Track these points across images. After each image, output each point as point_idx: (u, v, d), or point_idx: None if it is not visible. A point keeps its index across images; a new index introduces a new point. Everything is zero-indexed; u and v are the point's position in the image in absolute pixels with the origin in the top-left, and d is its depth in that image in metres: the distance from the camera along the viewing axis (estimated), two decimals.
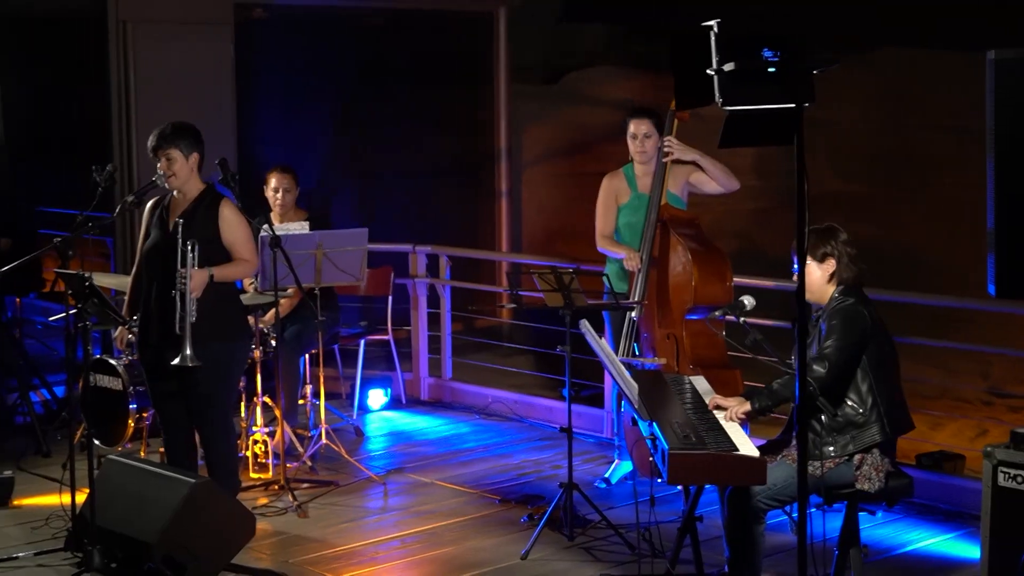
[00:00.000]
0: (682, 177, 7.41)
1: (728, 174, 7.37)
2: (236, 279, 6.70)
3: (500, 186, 12.43)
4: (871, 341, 5.44)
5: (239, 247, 6.55)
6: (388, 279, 9.58)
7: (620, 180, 7.58)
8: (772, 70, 3.91)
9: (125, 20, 9.89)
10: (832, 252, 5.58)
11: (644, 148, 7.42)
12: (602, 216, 7.57)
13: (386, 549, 6.73)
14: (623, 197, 7.56)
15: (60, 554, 6.50)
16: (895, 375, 5.59)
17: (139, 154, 9.91)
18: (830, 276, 5.58)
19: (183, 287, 6.32)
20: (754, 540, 5.51)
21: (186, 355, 6.29)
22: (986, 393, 12.00)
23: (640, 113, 7.48)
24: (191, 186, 6.54)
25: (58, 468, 7.93)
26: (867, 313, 5.47)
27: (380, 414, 9.55)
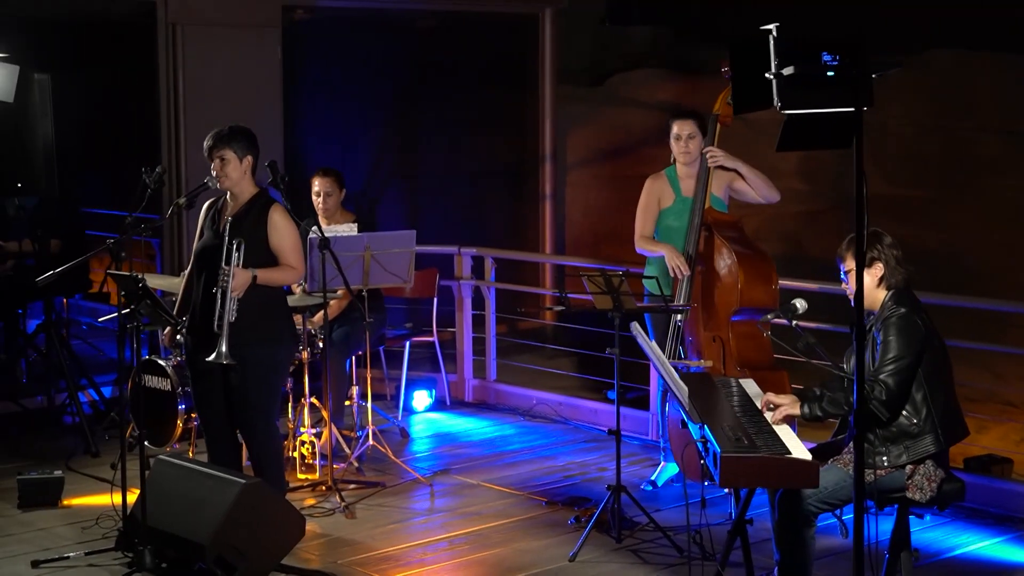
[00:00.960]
0: (725, 180, 7.42)
1: (769, 185, 7.37)
2: (280, 284, 6.67)
3: (545, 188, 12.44)
4: (926, 351, 5.41)
5: (286, 253, 6.56)
6: (434, 281, 9.60)
7: (663, 183, 7.59)
8: (831, 74, 3.89)
9: (174, 23, 9.97)
10: (878, 256, 5.56)
11: (688, 149, 7.43)
12: (642, 217, 7.58)
13: (434, 551, 6.74)
14: (666, 200, 7.56)
15: (111, 554, 6.54)
16: (949, 383, 5.56)
17: (187, 156, 9.98)
18: (879, 281, 5.56)
19: (224, 284, 6.34)
20: (804, 543, 5.50)
21: (221, 352, 6.31)
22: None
23: (683, 114, 7.50)
24: (243, 188, 6.57)
25: (107, 468, 8.01)
26: (920, 322, 5.43)
27: (424, 415, 9.58)
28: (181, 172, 9.99)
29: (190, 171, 9.90)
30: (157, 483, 6.37)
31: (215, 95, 10.03)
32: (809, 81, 3.92)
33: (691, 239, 7.28)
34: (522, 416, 9.52)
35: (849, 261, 5.57)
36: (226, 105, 9.86)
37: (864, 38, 3.85)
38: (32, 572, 6.41)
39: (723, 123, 7.32)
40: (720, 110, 7.30)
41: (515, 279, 10.82)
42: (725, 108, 7.29)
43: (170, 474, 6.47)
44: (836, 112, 3.98)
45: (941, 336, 5.54)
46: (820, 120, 4.01)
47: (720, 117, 7.30)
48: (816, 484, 5.10)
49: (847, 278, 5.60)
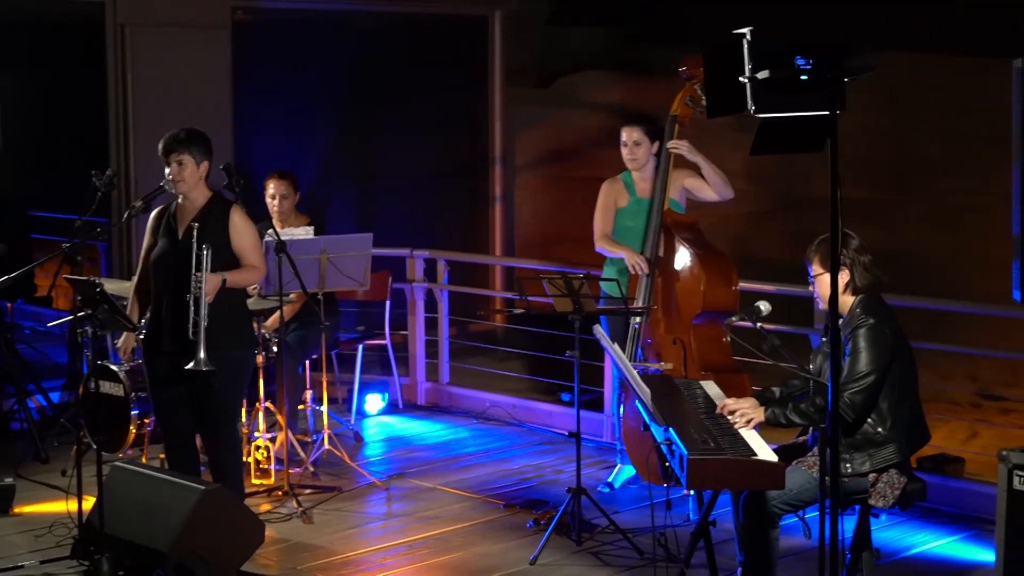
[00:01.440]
0: (680, 181, 7.44)
1: (726, 182, 7.42)
2: (246, 285, 6.65)
3: (495, 190, 12.42)
4: (895, 361, 5.42)
5: (248, 254, 6.52)
6: (386, 284, 9.57)
7: (619, 185, 7.61)
8: (805, 78, 3.91)
9: (123, 24, 9.87)
10: (844, 260, 5.55)
11: (635, 156, 7.47)
12: (601, 218, 7.60)
13: (394, 555, 6.71)
14: (622, 201, 7.58)
15: (66, 562, 6.46)
16: (915, 390, 5.59)
17: (136, 158, 9.88)
18: (845, 286, 5.57)
19: (198, 291, 6.28)
20: (769, 544, 5.52)
21: (200, 359, 6.24)
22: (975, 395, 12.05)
23: (631, 121, 7.54)
24: (198, 193, 6.51)
25: (57, 475, 7.91)
26: (889, 332, 5.43)
27: (378, 419, 9.53)
28: (130, 174, 9.89)
29: (139, 173, 9.81)
30: (114, 490, 6.29)
31: (164, 96, 9.93)
32: (783, 85, 3.93)
33: (650, 240, 7.30)
34: (476, 419, 9.50)
35: (816, 265, 5.58)
36: (176, 106, 9.76)
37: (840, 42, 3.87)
38: None
39: (681, 123, 7.34)
40: (678, 111, 7.32)
41: (465, 281, 10.80)
42: (683, 109, 7.31)
43: (127, 480, 6.38)
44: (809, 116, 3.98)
45: (909, 345, 5.56)
46: (793, 124, 4.02)
47: (678, 118, 7.33)
48: (782, 486, 5.12)
49: (814, 282, 5.62)
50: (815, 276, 5.60)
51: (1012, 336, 10.99)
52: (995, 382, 12.29)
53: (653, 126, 7.45)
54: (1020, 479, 5.15)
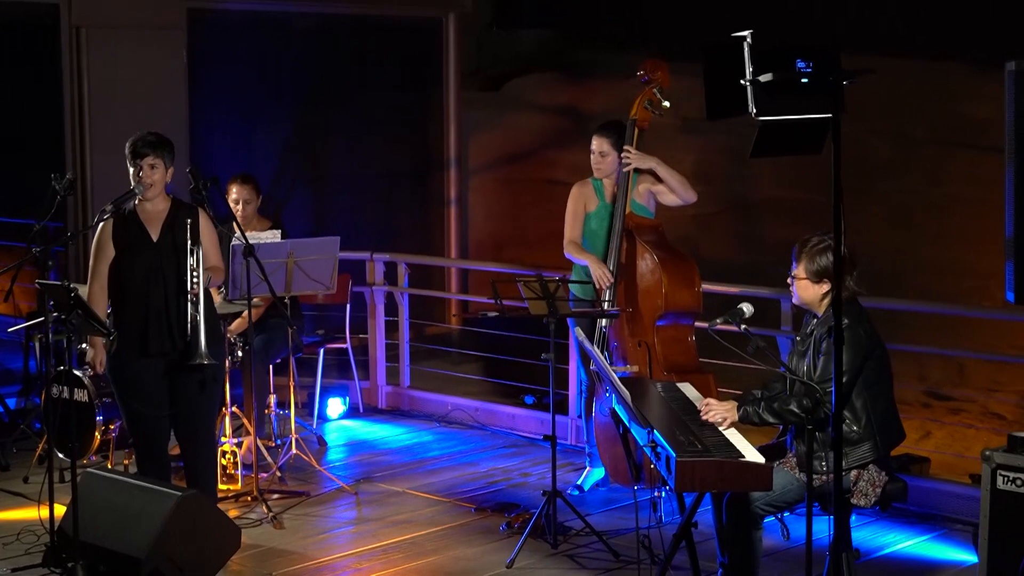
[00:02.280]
0: (647, 185, 7.47)
1: (685, 185, 7.43)
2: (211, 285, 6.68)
3: (450, 193, 12.41)
4: (869, 359, 5.46)
5: (211, 255, 6.56)
6: (346, 287, 9.51)
7: (588, 189, 7.62)
8: (805, 81, 3.93)
9: (78, 25, 9.74)
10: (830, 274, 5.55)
11: (600, 165, 7.50)
12: (570, 223, 7.59)
13: (368, 560, 6.68)
14: (591, 205, 7.59)
15: (38, 570, 6.38)
16: (889, 389, 5.64)
17: (93, 160, 9.77)
18: (824, 294, 5.59)
19: (196, 288, 6.33)
20: (752, 545, 5.55)
21: (202, 352, 6.31)
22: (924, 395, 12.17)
23: (600, 130, 7.52)
24: (160, 199, 6.51)
25: (19, 482, 7.80)
26: (864, 333, 5.46)
27: (339, 423, 9.49)
28: (87, 177, 9.77)
29: (95, 176, 9.70)
30: (86, 496, 6.20)
31: (120, 98, 9.82)
32: (784, 88, 3.95)
33: (613, 245, 7.32)
34: (438, 422, 9.47)
35: (801, 270, 5.58)
36: (131, 108, 9.68)
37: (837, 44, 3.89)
38: None
39: (640, 127, 7.37)
40: (637, 115, 7.36)
41: (419, 284, 10.76)
42: (642, 112, 7.36)
43: (100, 487, 6.31)
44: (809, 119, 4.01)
45: (883, 343, 5.61)
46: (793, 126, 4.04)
47: (638, 122, 7.36)
48: (770, 487, 5.15)
49: (794, 283, 5.63)
50: (797, 279, 5.61)
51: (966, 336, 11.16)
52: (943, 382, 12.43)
53: (622, 136, 7.43)
54: (1004, 479, 5.20)
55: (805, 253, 5.58)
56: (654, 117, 7.41)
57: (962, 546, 6.72)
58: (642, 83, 7.43)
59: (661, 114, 7.42)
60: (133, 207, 6.53)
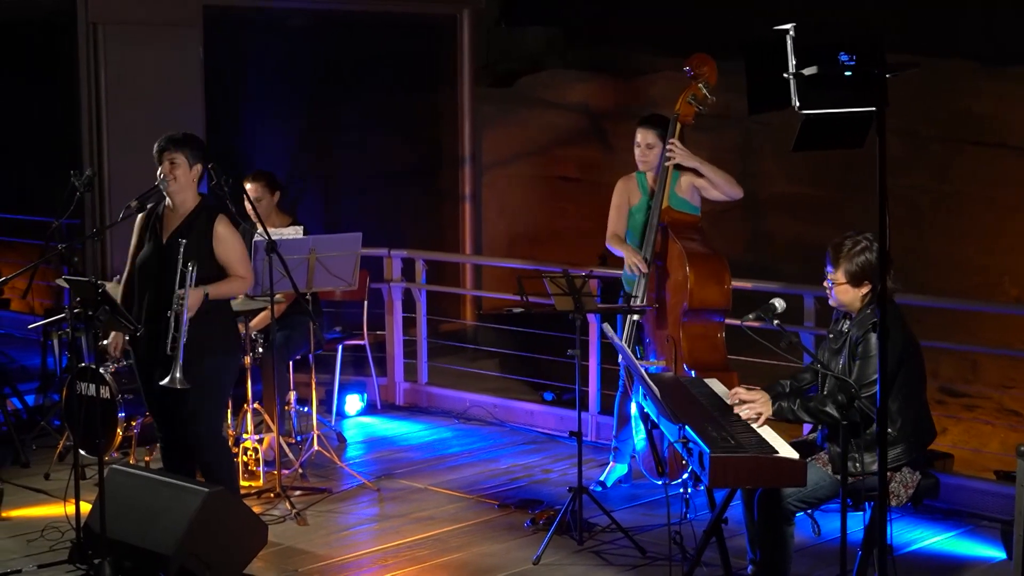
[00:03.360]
0: (689, 181, 7.41)
1: (731, 182, 7.38)
2: (231, 296, 6.60)
3: (464, 189, 12.38)
4: (904, 362, 5.44)
5: (234, 264, 6.46)
6: (364, 284, 9.49)
7: (632, 183, 7.58)
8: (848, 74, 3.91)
9: (95, 22, 9.74)
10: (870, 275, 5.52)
11: (646, 158, 7.43)
12: (614, 216, 7.56)
13: (394, 556, 6.66)
14: (634, 199, 7.55)
15: (63, 566, 6.37)
16: (922, 391, 5.62)
17: (110, 156, 9.76)
18: (863, 296, 5.57)
19: (179, 308, 6.21)
20: (785, 542, 5.53)
21: (176, 377, 6.18)
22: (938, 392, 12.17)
23: (647, 122, 7.44)
24: (187, 196, 6.45)
25: (40, 478, 7.80)
26: (899, 338, 5.42)
27: (357, 420, 9.47)
28: (103, 174, 9.76)
29: (112, 172, 9.69)
30: (112, 493, 6.19)
31: (137, 95, 9.82)
32: (827, 81, 3.93)
33: (648, 238, 7.30)
34: (457, 419, 9.46)
35: (840, 274, 5.54)
36: (148, 105, 9.68)
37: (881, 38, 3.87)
38: None
39: (684, 122, 7.32)
40: (681, 109, 7.30)
41: (433, 280, 10.74)
42: (686, 107, 7.29)
43: (126, 483, 6.30)
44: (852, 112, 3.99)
45: (919, 346, 5.58)
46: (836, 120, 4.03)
47: (680, 116, 7.30)
48: (804, 483, 5.13)
49: (832, 285, 5.58)
50: (836, 283, 5.57)
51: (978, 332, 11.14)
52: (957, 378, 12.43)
53: (667, 129, 7.39)
54: None
55: (843, 257, 5.52)
56: (699, 112, 7.35)
57: (989, 542, 6.70)
58: (688, 78, 7.36)
59: (705, 110, 7.36)
60: (165, 203, 6.50)
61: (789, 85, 3.96)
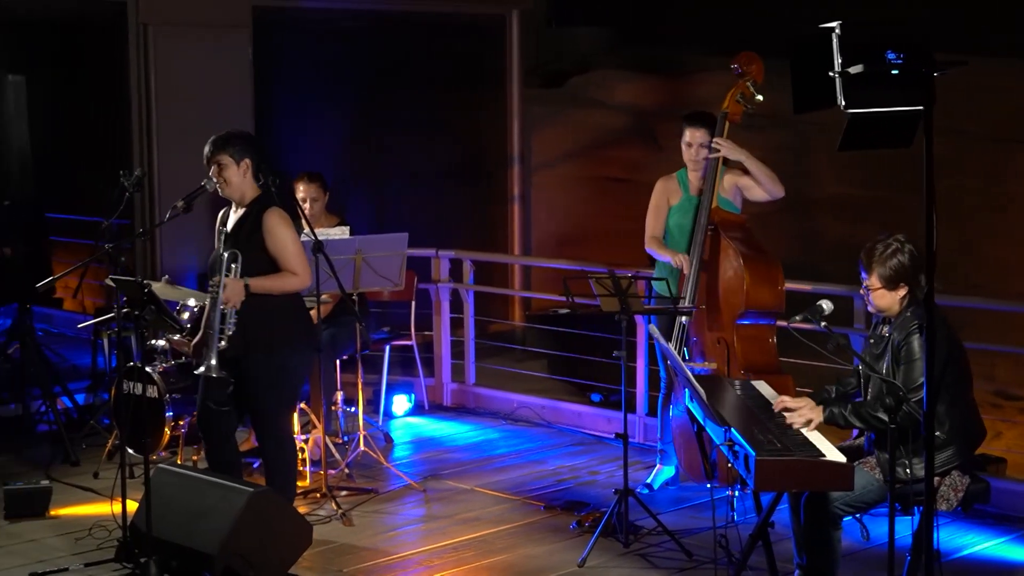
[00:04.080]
0: (734, 180, 7.37)
1: (774, 180, 7.32)
2: (279, 291, 6.43)
3: (513, 190, 12.36)
4: (949, 363, 5.37)
5: (283, 258, 6.41)
6: (412, 284, 9.49)
7: (673, 183, 7.53)
8: (895, 72, 3.86)
9: (145, 23, 9.81)
10: (905, 277, 5.48)
11: (698, 157, 7.36)
12: (652, 218, 7.51)
13: (440, 557, 6.65)
14: (674, 199, 7.50)
15: (110, 565, 6.40)
16: (968, 391, 5.55)
17: (159, 157, 9.81)
18: (900, 299, 5.51)
19: (215, 296, 6.23)
20: (832, 546, 5.48)
21: (210, 365, 6.19)
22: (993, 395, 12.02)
23: (696, 121, 7.38)
24: (246, 192, 6.45)
25: (88, 477, 7.85)
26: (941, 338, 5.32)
27: (404, 420, 9.47)
28: (153, 174, 9.82)
29: (162, 172, 9.74)
30: (158, 492, 6.21)
31: (186, 96, 9.89)
32: (874, 80, 3.88)
33: (697, 239, 7.24)
34: (504, 420, 9.44)
35: (875, 279, 5.48)
36: (197, 106, 9.74)
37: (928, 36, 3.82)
38: None
39: (732, 121, 7.27)
40: (729, 107, 7.26)
41: (482, 281, 10.73)
42: (734, 106, 7.25)
43: (172, 483, 6.32)
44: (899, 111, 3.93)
45: (962, 345, 5.52)
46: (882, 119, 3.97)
47: (729, 115, 7.26)
48: (851, 487, 5.07)
49: (869, 292, 5.52)
50: (872, 289, 5.51)
51: None
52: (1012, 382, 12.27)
53: (715, 126, 7.33)
54: None
55: (875, 261, 5.47)
56: (746, 111, 7.30)
57: None
58: (735, 76, 7.32)
59: (753, 108, 7.31)
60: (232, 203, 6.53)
61: (835, 84, 3.90)
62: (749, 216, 7.48)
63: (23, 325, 8.75)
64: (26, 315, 8.81)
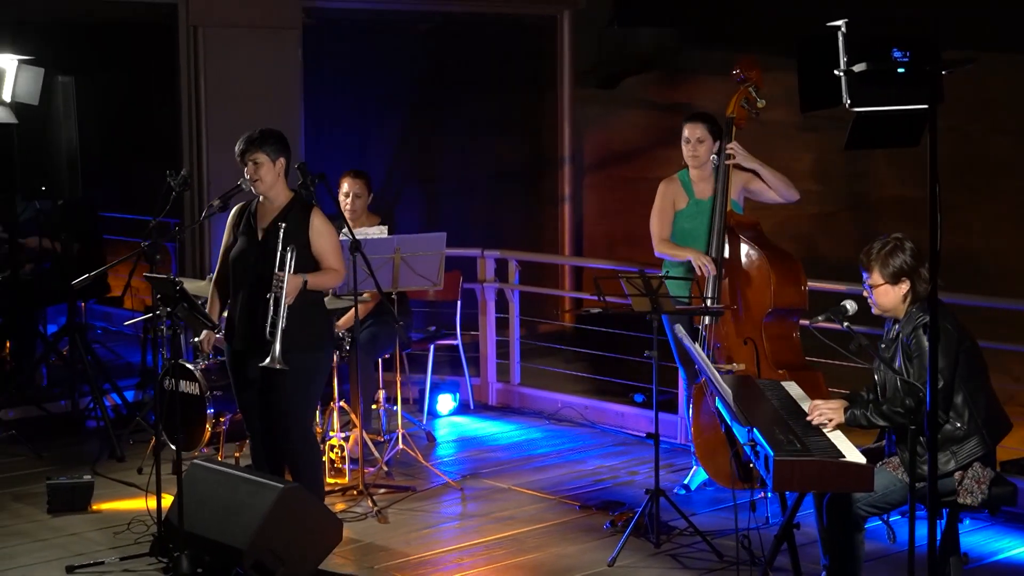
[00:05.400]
0: (739, 183, 7.40)
1: (788, 184, 7.35)
2: (326, 288, 6.61)
3: (563, 190, 12.37)
4: (960, 354, 5.34)
5: (328, 256, 6.50)
6: (457, 284, 9.54)
7: (676, 186, 7.56)
8: (901, 71, 3.84)
9: (195, 25, 9.91)
10: (908, 274, 5.47)
11: (696, 152, 7.42)
12: (659, 221, 7.53)
13: (471, 555, 6.68)
14: (680, 203, 7.52)
15: (145, 559, 6.48)
16: (987, 380, 5.51)
17: (209, 158, 9.92)
18: (903, 296, 5.49)
19: (279, 291, 6.27)
20: (854, 548, 5.45)
21: (275, 356, 6.23)
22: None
23: (694, 117, 7.48)
24: (277, 192, 6.50)
25: (133, 472, 7.95)
26: (951, 327, 5.34)
27: (449, 419, 9.51)
28: (203, 174, 9.93)
29: (211, 173, 9.85)
30: (192, 488, 6.30)
31: (236, 97, 9.98)
32: (879, 78, 3.86)
33: (714, 242, 7.25)
34: (548, 420, 9.45)
35: (876, 275, 5.48)
36: (247, 107, 9.81)
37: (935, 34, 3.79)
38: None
39: (738, 126, 7.34)
40: (734, 113, 7.32)
41: (533, 281, 10.75)
42: (739, 111, 7.32)
43: (205, 478, 6.40)
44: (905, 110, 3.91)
45: (972, 334, 5.48)
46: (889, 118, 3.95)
47: (735, 120, 7.30)
48: (871, 488, 5.05)
49: (871, 292, 5.52)
50: (874, 286, 5.51)
51: None
52: None
53: (716, 124, 7.42)
54: None
55: (875, 260, 5.49)
56: (750, 115, 7.36)
57: None
58: (737, 82, 7.39)
59: (757, 113, 7.38)
60: (258, 199, 6.58)
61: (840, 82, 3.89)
62: (761, 217, 7.50)
63: (73, 322, 8.89)
64: (76, 313, 8.95)
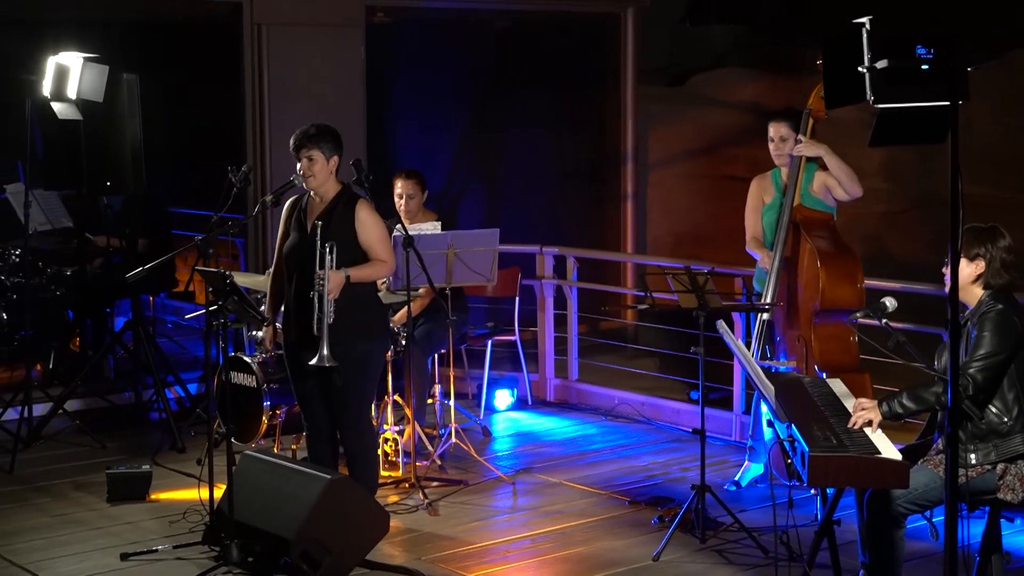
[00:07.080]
0: (822, 179, 7.34)
1: (852, 178, 7.29)
2: (373, 279, 6.72)
3: (626, 188, 12.38)
4: (1021, 349, 5.32)
5: (376, 248, 6.60)
6: (515, 280, 9.61)
7: (767, 181, 7.55)
8: (926, 68, 3.84)
9: (259, 23, 10.04)
10: (984, 254, 5.45)
11: (781, 151, 7.38)
12: (750, 218, 7.54)
13: (517, 548, 6.75)
14: (768, 197, 7.51)
15: (198, 547, 6.61)
16: None
17: (272, 155, 10.05)
18: (976, 277, 5.47)
19: (320, 289, 6.38)
20: (893, 545, 5.43)
21: (323, 355, 6.36)
22: None
23: (777, 116, 7.44)
24: (328, 188, 6.60)
25: (193, 463, 8.09)
26: (1018, 321, 5.34)
27: (506, 414, 9.58)
28: (266, 171, 10.07)
29: (274, 170, 9.98)
30: (243, 478, 6.42)
31: (299, 95, 10.10)
32: (903, 75, 3.87)
33: (779, 237, 7.24)
34: (604, 416, 9.49)
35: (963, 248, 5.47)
36: (310, 104, 9.92)
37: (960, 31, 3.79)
38: (121, 565, 6.50)
39: (816, 117, 7.27)
40: (813, 104, 7.25)
41: (595, 278, 10.78)
42: (818, 103, 7.23)
43: (256, 469, 6.51)
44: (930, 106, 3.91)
45: None
46: (914, 115, 3.96)
47: (813, 111, 7.25)
48: (906, 485, 5.04)
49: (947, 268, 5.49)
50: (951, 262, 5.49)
51: None
52: None
53: (798, 121, 7.35)
54: None
55: (968, 231, 5.44)
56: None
57: None
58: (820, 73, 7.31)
59: None
60: (309, 194, 6.69)
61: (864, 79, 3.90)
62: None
63: (137, 316, 9.06)
64: (139, 306, 9.12)
